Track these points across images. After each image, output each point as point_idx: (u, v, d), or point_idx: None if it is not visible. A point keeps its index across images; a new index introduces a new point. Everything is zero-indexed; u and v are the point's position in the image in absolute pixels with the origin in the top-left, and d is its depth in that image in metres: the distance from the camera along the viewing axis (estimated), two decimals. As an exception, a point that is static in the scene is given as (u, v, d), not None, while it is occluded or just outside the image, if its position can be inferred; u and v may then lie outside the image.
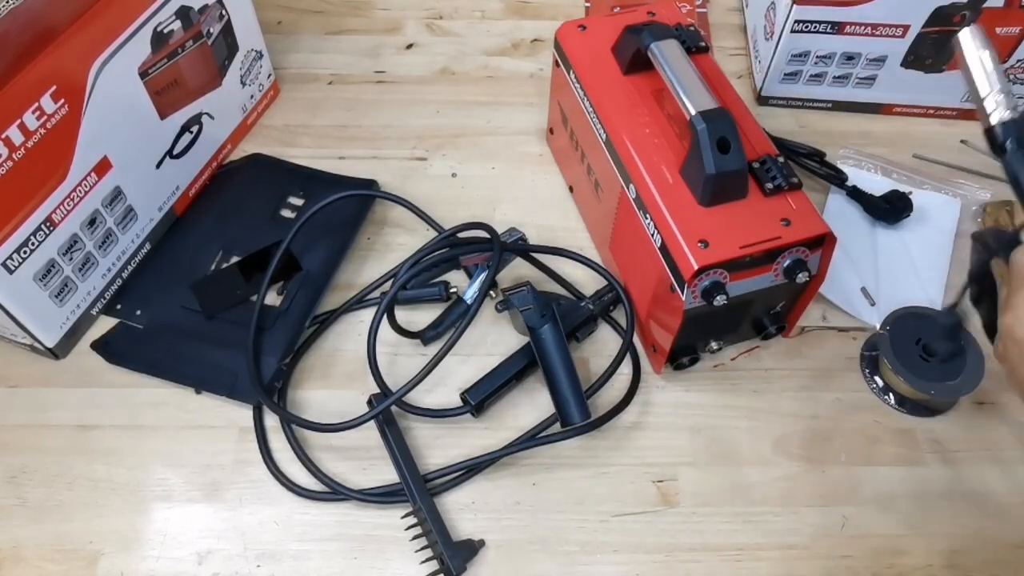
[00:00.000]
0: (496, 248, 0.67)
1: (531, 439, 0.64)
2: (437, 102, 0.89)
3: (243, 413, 0.66)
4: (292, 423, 0.65)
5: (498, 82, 0.92)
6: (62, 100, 0.59)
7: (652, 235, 0.62)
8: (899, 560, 0.61)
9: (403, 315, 0.70)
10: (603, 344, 0.71)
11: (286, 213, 0.77)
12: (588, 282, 0.74)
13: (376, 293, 0.73)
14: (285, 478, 0.63)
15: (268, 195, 0.78)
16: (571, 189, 0.81)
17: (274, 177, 0.81)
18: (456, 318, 0.71)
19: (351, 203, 0.77)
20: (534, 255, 0.74)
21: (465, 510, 0.62)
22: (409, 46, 0.95)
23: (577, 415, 0.62)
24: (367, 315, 0.72)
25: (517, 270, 0.74)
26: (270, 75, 0.87)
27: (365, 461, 0.64)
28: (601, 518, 0.62)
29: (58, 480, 0.63)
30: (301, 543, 0.61)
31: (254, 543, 0.61)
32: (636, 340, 0.70)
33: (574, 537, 0.61)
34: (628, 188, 0.65)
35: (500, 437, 0.65)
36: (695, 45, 0.69)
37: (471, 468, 0.63)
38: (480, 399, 0.65)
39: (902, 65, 0.83)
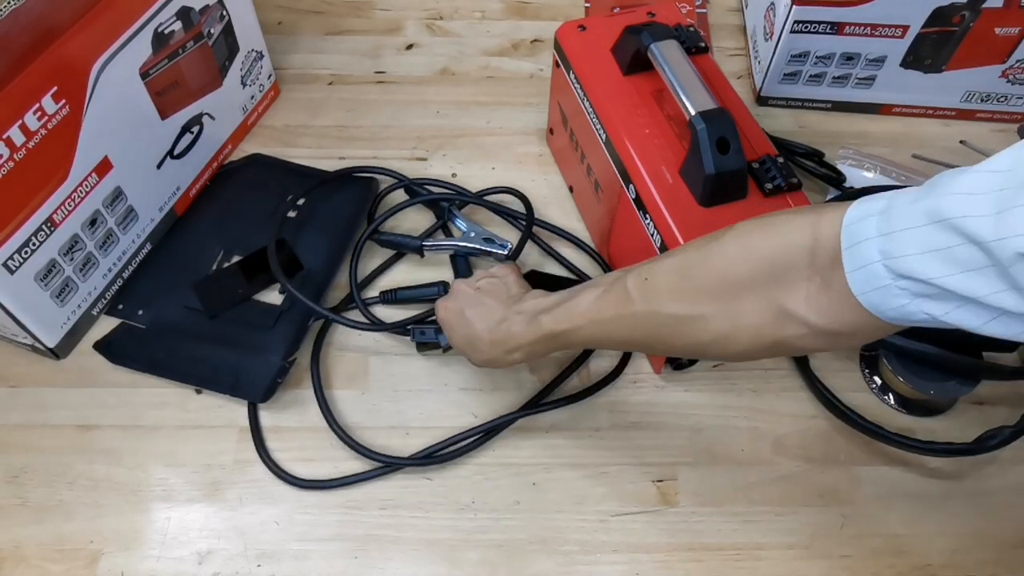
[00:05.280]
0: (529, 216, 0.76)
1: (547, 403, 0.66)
2: (437, 102, 0.89)
3: (243, 413, 0.66)
4: (336, 322, 0.69)
5: (498, 82, 0.92)
6: (63, 100, 0.59)
7: (652, 235, 0.62)
8: (899, 560, 0.61)
9: (401, 314, 0.71)
10: (603, 344, 0.71)
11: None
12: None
13: (375, 292, 0.73)
14: (281, 470, 0.63)
15: (268, 195, 0.78)
16: (571, 189, 0.81)
17: (274, 177, 0.81)
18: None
19: (352, 202, 0.77)
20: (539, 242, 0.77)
21: (466, 510, 0.62)
22: (409, 46, 0.95)
23: None
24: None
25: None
26: (270, 75, 0.87)
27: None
28: (601, 518, 0.62)
29: (59, 480, 0.63)
30: (301, 543, 0.61)
31: (254, 543, 0.61)
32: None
33: (573, 537, 0.61)
34: (628, 188, 0.65)
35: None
36: (695, 45, 0.69)
37: (489, 432, 0.65)
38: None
39: (901, 65, 0.83)
